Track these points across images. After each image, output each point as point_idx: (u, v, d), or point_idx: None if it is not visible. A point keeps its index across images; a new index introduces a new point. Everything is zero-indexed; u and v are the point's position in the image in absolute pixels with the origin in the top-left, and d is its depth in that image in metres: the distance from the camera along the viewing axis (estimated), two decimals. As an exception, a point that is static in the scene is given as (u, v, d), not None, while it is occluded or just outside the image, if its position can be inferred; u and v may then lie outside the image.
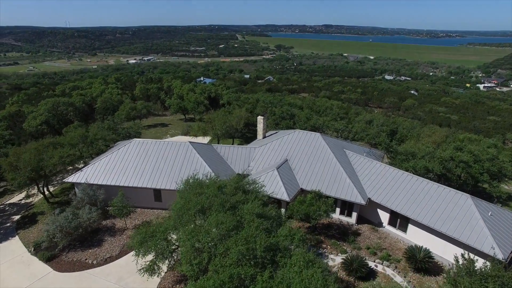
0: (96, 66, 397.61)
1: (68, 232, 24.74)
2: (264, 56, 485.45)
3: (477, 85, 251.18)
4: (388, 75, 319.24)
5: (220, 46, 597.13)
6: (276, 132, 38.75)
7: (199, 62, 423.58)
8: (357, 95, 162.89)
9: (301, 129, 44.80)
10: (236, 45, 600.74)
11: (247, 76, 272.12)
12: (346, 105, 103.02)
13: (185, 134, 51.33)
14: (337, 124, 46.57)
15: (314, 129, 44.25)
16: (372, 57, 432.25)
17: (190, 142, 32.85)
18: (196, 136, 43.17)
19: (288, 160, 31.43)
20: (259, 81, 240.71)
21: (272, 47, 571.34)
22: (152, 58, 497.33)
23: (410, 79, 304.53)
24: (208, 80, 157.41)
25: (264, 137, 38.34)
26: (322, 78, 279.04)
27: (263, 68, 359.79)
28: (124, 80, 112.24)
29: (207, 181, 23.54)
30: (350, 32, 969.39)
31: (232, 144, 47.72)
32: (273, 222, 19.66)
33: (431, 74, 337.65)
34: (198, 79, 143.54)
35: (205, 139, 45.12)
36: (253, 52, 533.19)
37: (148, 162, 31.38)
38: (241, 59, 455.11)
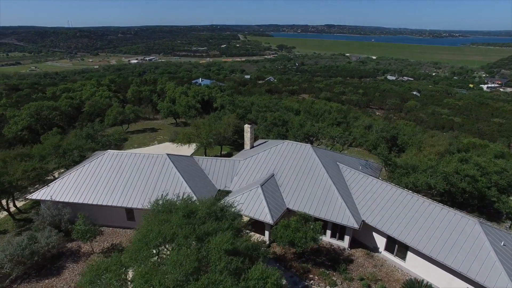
0: (97, 66, 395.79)
1: (20, 261, 21.83)
2: (266, 56, 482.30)
3: (481, 85, 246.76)
4: (390, 75, 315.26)
5: (222, 46, 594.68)
6: (265, 142, 35.74)
7: (200, 62, 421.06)
8: (358, 96, 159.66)
9: (294, 136, 41.87)
10: (238, 45, 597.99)
11: (247, 76, 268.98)
12: (346, 108, 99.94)
13: (173, 141, 48.42)
14: (333, 131, 43.45)
15: (307, 137, 41.20)
16: (374, 57, 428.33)
17: (168, 154, 29.91)
18: (181, 144, 40.20)
19: (275, 175, 28.42)
20: (259, 82, 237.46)
21: (274, 47, 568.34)
22: (153, 58, 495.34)
23: (412, 79, 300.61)
24: (206, 82, 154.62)
25: (252, 147, 35.34)
26: (324, 78, 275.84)
27: (265, 68, 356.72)
28: (118, 81, 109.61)
29: (178, 202, 20.61)
30: (352, 32, 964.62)
31: (220, 152, 44.80)
32: (246, 258, 16.67)
33: (433, 74, 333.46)
34: (195, 81, 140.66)
35: (192, 147, 42.12)
36: (255, 52, 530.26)
37: (121, 177, 28.46)
38: (243, 59, 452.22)
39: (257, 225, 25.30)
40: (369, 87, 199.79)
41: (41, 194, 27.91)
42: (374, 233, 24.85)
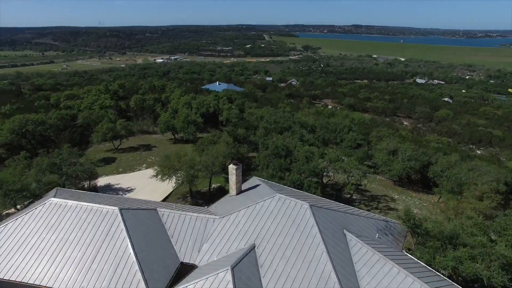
0: (124, 65, 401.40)
1: None
2: (291, 57, 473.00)
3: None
4: (419, 78, 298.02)
5: (247, 46, 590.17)
6: (257, 186, 28.08)
7: (224, 62, 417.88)
8: (384, 103, 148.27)
9: (299, 173, 33.97)
10: (262, 45, 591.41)
11: (269, 79, 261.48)
12: (370, 120, 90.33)
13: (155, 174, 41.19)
14: (348, 164, 35.25)
15: (315, 175, 33.15)
16: (403, 59, 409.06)
17: (121, 209, 22.91)
18: (161, 179, 33.25)
19: (256, 247, 20.79)
20: (281, 85, 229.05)
21: (299, 47, 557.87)
22: (179, 58, 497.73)
23: (443, 82, 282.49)
24: (223, 86, 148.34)
25: (239, 192, 27.86)
26: (349, 81, 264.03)
27: (289, 69, 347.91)
28: (128, 86, 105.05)
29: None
30: (380, 32, 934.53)
31: (209, 187, 37.43)
32: None
33: (467, 77, 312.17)
34: (207, 86, 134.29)
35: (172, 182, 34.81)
36: (279, 52, 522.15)
37: (53, 243, 21.72)
38: (267, 59, 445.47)
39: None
40: (396, 92, 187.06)
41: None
42: None
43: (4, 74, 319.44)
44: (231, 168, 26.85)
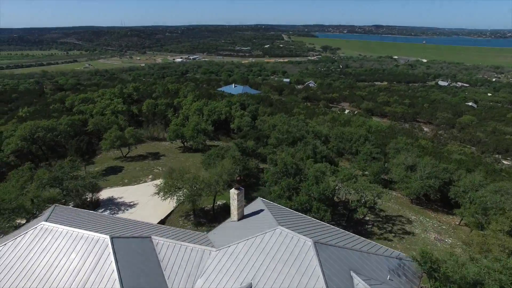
0: (144, 64, 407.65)
1: None
2: (309, 57, 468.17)
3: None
4: (442, 80, 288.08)
5: (265, 46, 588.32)
6: (260, 212, 26.21)
7: (243, 62, 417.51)
8: (403, 108, 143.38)
9: (307, 195, 31.86)
10: (281, 46, 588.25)
11: (286, 80, 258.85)
12: (388, 127, 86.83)
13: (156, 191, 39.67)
14: (360, 185, 32.87)
15: (324, 199, 30.88)
16: (425, 60, 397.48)
17: (112, 238, 21.53)
18: (163, 197, 31.83)
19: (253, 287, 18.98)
20: (298, 87, 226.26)
21: (318, 48, 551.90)
22: (197, 57, 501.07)
23: (467, 85, 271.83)
24: (239, 88, 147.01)
25: (241, 217, 26.12)
26: (368, 83, 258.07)
27: (307, 70, 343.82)
28: (142, 89, 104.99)
29: None
30: (402, 33, 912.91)
31: (213, 205, 35.78)
32: None
33: (493, 80, 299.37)
34: (223, 88, 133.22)
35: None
36: (298, 53, 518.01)
37: (42, 271, 20.58)
38: (286, 59, 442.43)
39: None
40: (417, 96, 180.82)
41: None
42: None
43: (31, 73, 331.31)
44: (233, 193, 25.10)
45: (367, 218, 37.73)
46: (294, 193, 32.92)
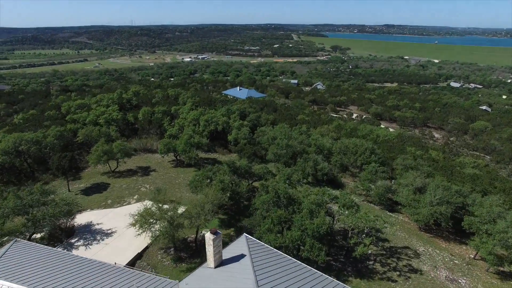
0: (152, 64, 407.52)
1: None
2: (319, 58, 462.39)
3: None
4: (454, 81, 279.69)
5: (275, 45, 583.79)
6: (241, 259, 22.57)
7: (251, 62, 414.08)
8: (413, 112, 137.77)
9: (300, 230, 28.09)
10: (290, 45, 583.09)
11: (294, 81, 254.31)
12: (395, 138, 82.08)
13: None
14: (361, 218, 29.01)
15: (320, 238, 27.05)
16: (436, 61, 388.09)
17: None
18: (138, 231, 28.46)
19: None
20: (306, 88, 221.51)
21: (328, 48, 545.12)
22: (206, 57, 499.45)
23: (481, 87, 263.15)
24: (244, 92, 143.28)
25: (219, 264, 22.54)
26: (378, 85, 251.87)
27: (316, 70, 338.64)
28: (142, 93, 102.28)
29: None
30: (413, 32, 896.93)
31: (196, 235, 32.19)
32: None
33: (509, 81, 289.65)
34: (229, 91, 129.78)
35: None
36: (307, 53, 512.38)
37: None
38: (295, 59, 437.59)
39: None
40: (428, 99, 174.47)
41: None
42: None
43: (42, 72, 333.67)
44: (208, 238, 21.45)
45: (369, 251, 33.78)
46: (285, 227, 29.22)
